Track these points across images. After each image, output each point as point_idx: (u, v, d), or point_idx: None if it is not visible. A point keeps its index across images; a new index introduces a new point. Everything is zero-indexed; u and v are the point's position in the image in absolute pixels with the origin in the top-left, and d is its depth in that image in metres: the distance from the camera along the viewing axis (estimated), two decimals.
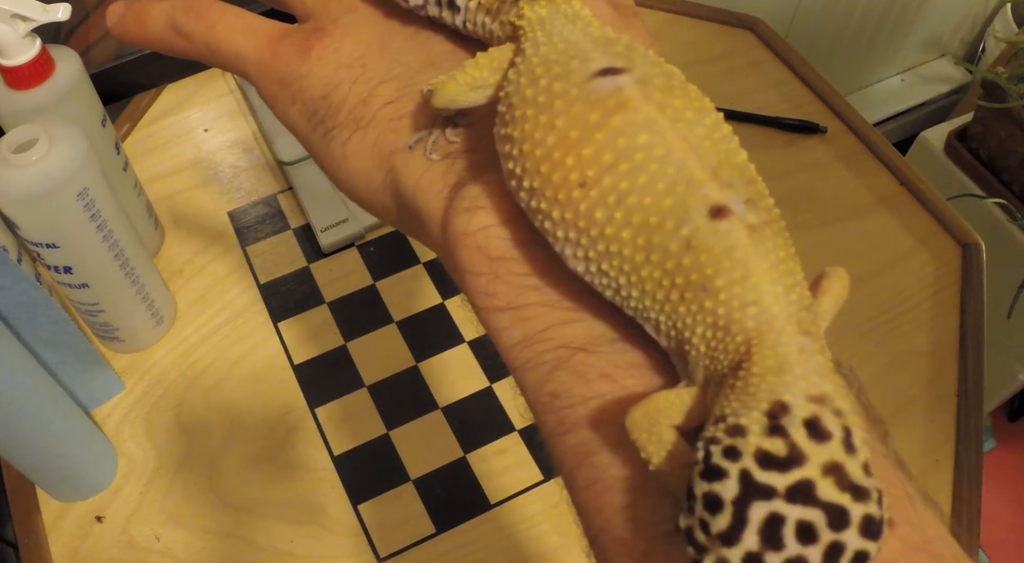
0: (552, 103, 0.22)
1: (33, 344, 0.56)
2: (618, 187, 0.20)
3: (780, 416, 0.18)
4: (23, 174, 0.52)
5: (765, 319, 0.19)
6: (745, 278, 0.19)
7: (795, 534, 0.17)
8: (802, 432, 0.17)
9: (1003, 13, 1.46)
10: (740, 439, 0.17)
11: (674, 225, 0.20)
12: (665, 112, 0.21)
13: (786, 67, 0.84)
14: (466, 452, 0.62)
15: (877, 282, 0.71)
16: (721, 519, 0.17)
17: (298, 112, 0.29)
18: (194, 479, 0.61)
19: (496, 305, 0.23)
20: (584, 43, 0.23)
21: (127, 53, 0.80)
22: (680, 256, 0.19)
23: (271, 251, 0.72)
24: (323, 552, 0.59)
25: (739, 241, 0.19)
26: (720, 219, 0.19)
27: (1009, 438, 1.49)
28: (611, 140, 0.20)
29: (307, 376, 0.66)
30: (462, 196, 0.24)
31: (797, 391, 0.18)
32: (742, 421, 0.18)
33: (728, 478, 0.17)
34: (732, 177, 0.20)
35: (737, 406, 0.18)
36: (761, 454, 0.17)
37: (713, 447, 0.18)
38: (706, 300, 0.19)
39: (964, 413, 0.64)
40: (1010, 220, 1.18)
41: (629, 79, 0.21)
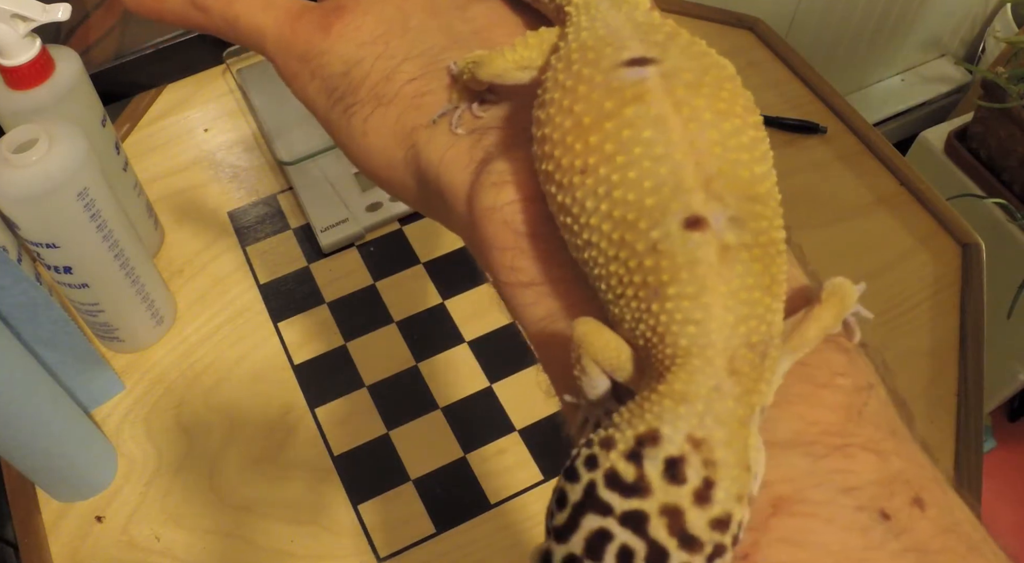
0: (576, 88, 0.21)
1: (33, 344, 0.56)
2: (610, 179, 0.20)
3: (647, 445, 0.18)
4: (23, 174, 0.52)
5: (700, 343, 0.19)
6: (697, 295, 0.19)
7: (616, 554, 0.17)
8: (658, 468, 0.17)
9: (1003, 13, 1.46)
10: (603, 453, 0.18)
11: (647, 226, 0.19)
12: (681, 110, 0.20)
13: (786, 67, 0.84)
14: (466, 452, 0.62)
15: (877, 282, 0.71)
16: (560, 516, 0.18)
17: (317, 89, 0.28)
18: (194, 479, 0.61)
19: (521, 280, 0.23)
20: (625, 30, 0.22)
21: (127, 53, 0.80)
22: (644, 256, 0.19)
23: (271, 251, 0.72)
24: (323, 552, 0.59)
25: (706, 257, 0.19)
26: (694, 230, 0.19)
27: (1009, 438, 1.49)
28: (617, 130, 0.20)
29: (307, 376, 0.66)
30: (489, 171, 0.24)
31: (681, 426, 0.18)
32: (615, 436, 0.18)
33: (577, 484, 0.18)
34: (726, 190, 0.19)
35: (627, 417, 0.18)
36: (611, 473, 0.18)
37: (584, 450, 0.18)
38: (654, 303, 0.19)
39: (964, 413, 0.64)
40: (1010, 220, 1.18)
41: (655, 71, 0.21)
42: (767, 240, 0.20)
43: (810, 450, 0.20)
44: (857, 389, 0.21)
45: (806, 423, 0.20)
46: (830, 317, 0.21)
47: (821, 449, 0.20)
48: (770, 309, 0.19)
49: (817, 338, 0.21)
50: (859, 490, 0.19)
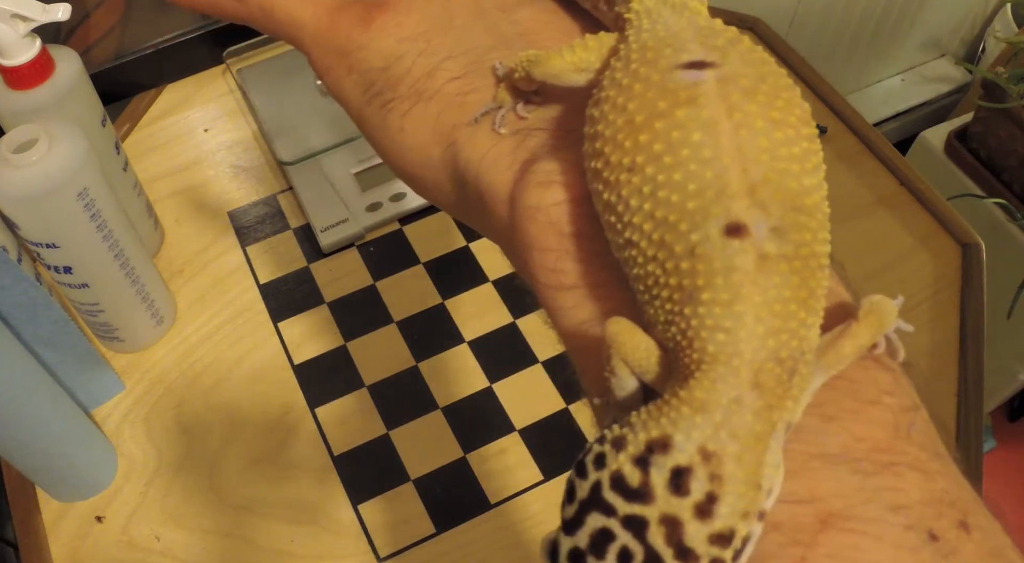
0: (632, 86, 0.21)
1: (33, 344, 0.56)
2: (656, 178, 0.20)
3: (656, 452, 0.18)
4: (23, 174, 0.52)
5: (727, 351, 0.18)
6: (731, 303, 0.18)
7: (617, 554, 0.17)
8: (664, 476, 0.18)
9: (1003, 13, 1.46)
10: (612, 453, 0.18)
11: (688, 228, 0.19)
12: (733, 115, 0.20)
13: (786, 67, 0.84)
14: (466, 452, 0.62)
15: (877, 282, 0.71)
16: (569, 509, 0.18)
17: (353, 83, 0.28)
18: (194, 479, 0.61)
19: (564, 282, 0.22)
20: (686, 33, 0.22)
21: (127, 53, 0.80)
22: (681, 259, 0.19)
23: (271, 251, 0.72)
24: (323, 552, 0.59)
25: (743, 265, 0.19)
26: (734, 237, 0.19)
27: (1009, 438, 1.49)
28: (667, 131, 0.20)
29: (307, 376, 0.66)
30: (535, 171, 0.23)
31: (695, 436, 0.18)
32: (628, 437, 0.18)
33: (585, 481, 0.18)
34: (771, 199, 0.19)
35: (643, 419, 0.18)
36: (617, 476, 0.18)
37: (596, 446, 0.19)
38: (687, 307, 0.19)
39: (964, 413, 0.64)
40: (1010, 220, 1.18)
41: (713, 74, 0.21)
42: (808, 253, 0.19)
43: (859, 467, 0.19)
44: (903, 408, 0.21)
45: (855, 439, 0.20)
46: (867, 335, 0.21)
47: (870, 466, 0.19)
48: (804, 324, 0.19)
49: (852, 355, 0.20)
50: (908, 509, 0.19)
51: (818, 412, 0.20)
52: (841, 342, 0.20)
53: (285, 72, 0.80)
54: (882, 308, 0.21)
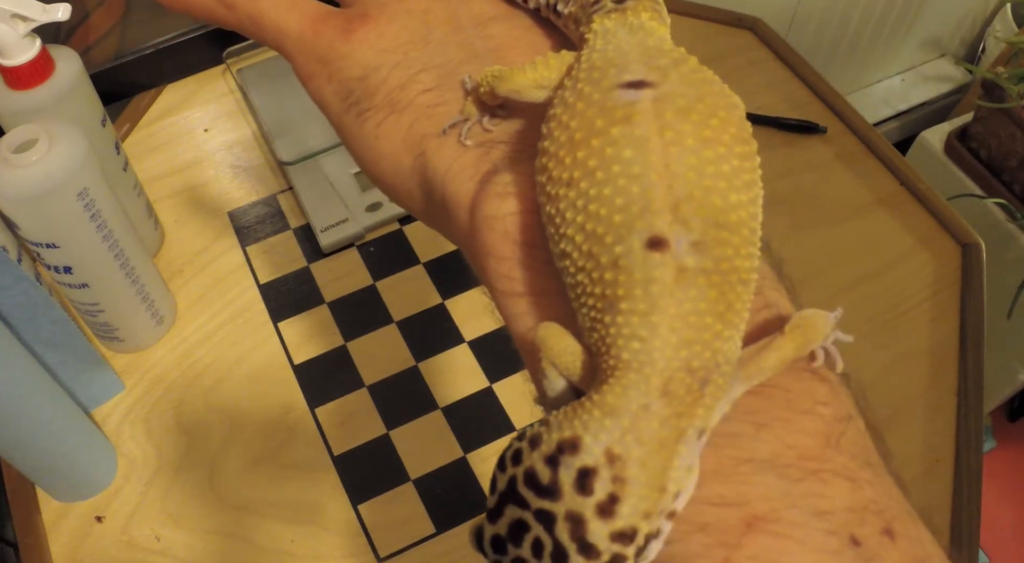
0: (575, 104, 0.22)
1: (33, 344, 0.56)
2: (588, 193, 0.21)
3: (566, 452, 0.19)
4: (23, 174, 0.52)
5: (640, 359, 0.19)
6: (647, 313, 0.19)
7: (531, 543, 0.19)
8: (571, 476, 0.19)
9: (1003, 13, 1.46)
10: (528, 450, 0.19)
11: (612, 241, 0.20)
12: (664, 134, 0.21)
13: (786, 67, 0.84)
14: (466, 452, 0.62)
15: (877, 282, 0.71)
16: (491, 499, 0.20)
17: (333, 91, 0.29)
18: (194, 479, 0.61)
19: (516, 290, 0.23)
20: (632, 54, 0.23)
21: (127, 53, 0.80)
22: (605, 270, 0.20)
23: (271, 251, 0.72)
24: (323, 552, 0.59)
25: (662, 277, 0.19)
26: (654, 250, 0.19)
27: (1009, 438, 1.49)
28: (601, 148, 0.21)
29: (307, 376, 0.66)
30: (495, 182, 0.24)
31: (602, 439, 0.19)
32: (543, 436, 0.19)
33: (504, 474, 0.20)
34: (693, 215, 0.20)
35: (559, 419, 0.19)
36: (530, 472, 0.19)
37: (516, 442, 0.20)
38: (607, 315, 0.20)
39: (964, 413, 0.64)
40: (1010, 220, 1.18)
41: (650, 94, 0.21)
42: (729, 268, 0.20)
43: (786, 472, 0.20)
44: (836, 418, 0.22)
45: (784, 446, 0.21)
46: (791, 348, 0.21)
47: (797, 472, 0.20)
48: (719, 336, 0.20)
49: (775, 368, 0.21)
50: (831, 515, 0.20)
51: (752, 419, 0.21)
52: (764, 354, 0.21)
53: (285, 72, 0.80)
54: (811, 323, 0.22)
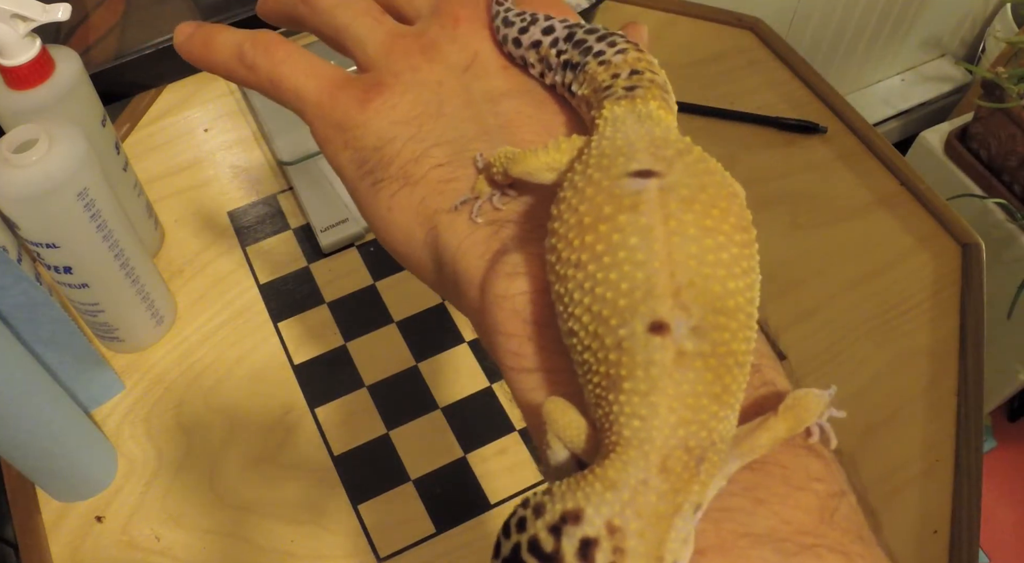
0: (585, 190, 0.23)
1: (33, 344, 0.56)
2: (595, 276, 0.22)
3: (568, 522, 0.20)
4: (23, 174, 0.52)
5: (640, 437, 0.20)
6: (647, 393, 0.20)
7: None
8: (574, 545, 0.19)
9: (1003, 13, 1.46)
10: (532, 519, 0.20)
11: (617, 323, 0.21)
12: (668, 223, 0.22)
13: (786, 67, 0.84)
14: (466, 452, 0.62)
15: (877, 282, 0.71)
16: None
17: (348, 158, 0.30)
18: (194, 479, 0.61)
19: (525, 366, 0.24)
20: (640, 143, 0.24)
21: (127, 53, 0.80)
22: (610, 350, 0.21)
23: (271, 251, 0.72)
24: (323, 552, 0.59)
25: (662, 360, 0.20)
26: (656, 334, 0.21)
27: (1009, 438, 1.49)
28: (609, 233, 0.22)
29: (307, 376, 0.66)
30: (504, 262, 0.25)
31: (604, 511, 0.20)
32: (547, 506, 0.20)
33: (508, 540, 0.20)
34: (693, 301, 0.21)
35: (563, 490, 0.20)
36: (533, 540, 0.20)
37: (520, 510, 0.20)
38: (611, 393, 0.21)
39: (964, 413, 0.64)
40: (1010, 220, 1.18)
41: (656, 183, 0.23)
42: (726, 351, 0.21)
43: (782, 547, 0.21)
44: (830, 494, 0.22)
45: (781, 521, 0.21)
46: (783, 428, 0.22)
47: (793, 547, 0.21)
48: (715, 416, 0.21)
49: (767, 446, 0.22)
50: None
51: (750, 495, 0.22)
52: (758, 433, 0.22)
53: None
54: (804, 403, 0.23)
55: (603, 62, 0.28)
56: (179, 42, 0.33)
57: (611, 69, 0.27)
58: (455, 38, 0.31)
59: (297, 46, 0.32)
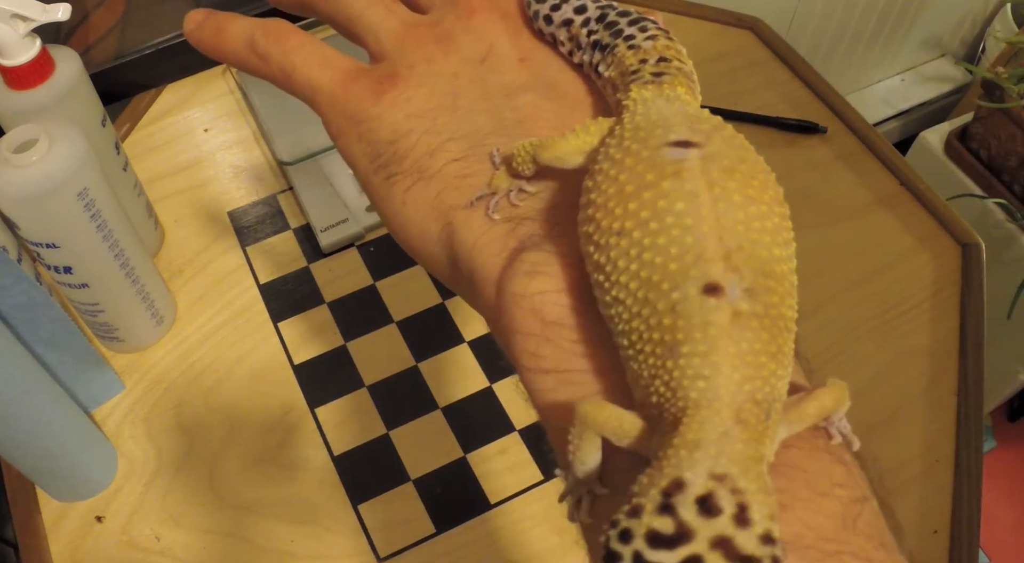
0: (624, 160, 0.23)
1: (33, 344, 0.56)
2: (642, 242, 0.22)
3: (674, 494, 0.19)
4: (23, 174, 0.52)
5: (708, 396, 0.20)
6: (708, 354, 0.20)
7: None
8: (692, 509, 0.18)
9: (1003, 13, 1.46)
10: (634, 521, 0.19)
11: (669, 288, 0.21)
12: (713, 189, 0.22)
13: (786, 67, 0.84)
14: (466, 452, 0.62)
15: (877, 282, 0.71)
16: None
17: (361, 151, 0.29)
18: (194, 479, 0.61)
19: (542, 367, 0.24)
20: (676, 117, 0.24)
21: (127, 53, 0.80)
22: (663, 315, 0.21)
23: (271, 251, 0.72)
24: (323, 552, 0.59)
25: (719, 321, 0.20)
26: (710, 296, 0.21)
27: (1009, 438, 1.49)
28: (653, 200, 0.22)
29: (307, 376, 0.66)
30: (523, 260, 0.25)
31: (700, 469, 0.19)
32: (641, 502, 0.19)
33: (623, 561, 0.18)
34: (744, 264, 0.21)
35: (646, 482, 0.20)
36: (651, 534, 0.18)
37: (611, 531, 0.19)
38: (668, 360, 0.21)
39: (964, 413, 0.64)
40: (1010, 220, 1.18)
41: (697, 153, 0.23)
42: (777, 314, 0.21)
43: (807, 554, 0.21)
44: (853, 500, 0.22)
45: (805, 527, 0.21)
46: (831, 401, 0.23)
47: (816, 554, 0.21)
48: (775, 374, 0.21)
49: (814, 417, 0.22)
50: None
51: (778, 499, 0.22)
52: (805, 403, 0.22)
53: None
54: (844, 387, 0.23)
55: (632, 46, 0.27)
56: (189, 30, 0.32)
57: (639, 54, 0.27)
58: (470, 29, 0.30)
59: (309, 35, 0.31)
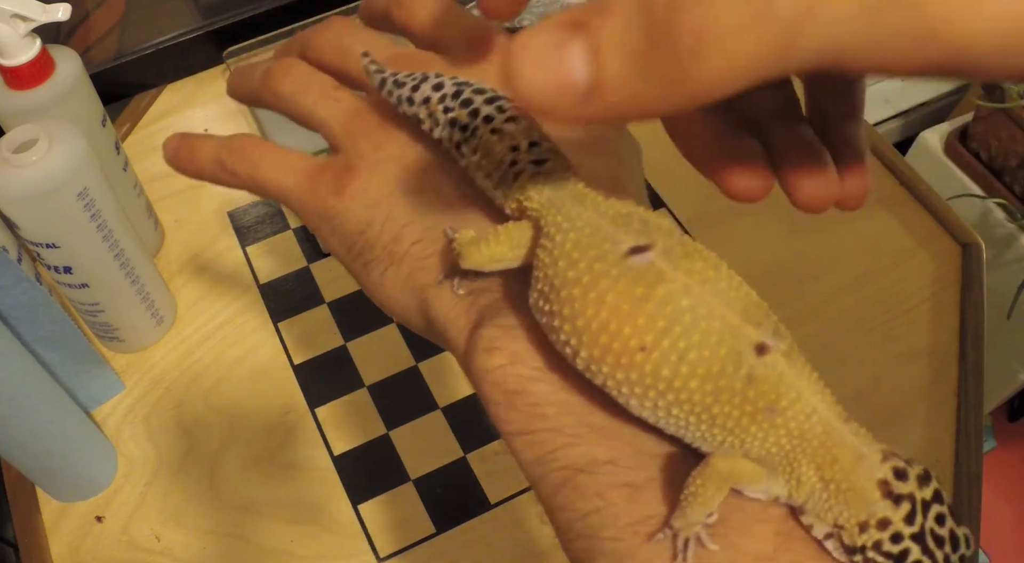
0: (598, 282, 0.25)
1: (33, 344, 0.56)
2: (677, 346, 0.23)
3: (892, 485, 0.23)
4: (23, 174, 0.52)
5: (826, 423, 0.24)
6: (800, 397, 0.23)
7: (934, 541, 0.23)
8: (912, 484, 0.23)
9: None
10: (885, 528, 0.23)
11: (734, 368, 0.23)
12: (693, 276, 0.24)
13: None
14: (466, 452, 0.62)
15: (877, 282, 0.71)
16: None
17: (338, 242, 0.32)
18: (194, 479, 0.61)
19: (512, 430, 0.27)
20: (605, 226, 0.26)
21: (127, 53, 0.80)
22: (745, 391, 0.23)
23: (271, 251, 0.72)
24: (323, 552, 0.59)
25: (783, 369, 0.24)
26: (764, 354, 0.24)
27: (1009, 438, 1.49)
28: (660, 309, 0.24)
29: (307, 376, 0.66)
30: (480, 336, 0.28)
31: (875, 462, 0.23)
32: (878, 515, 0.23)
33: (909, 552, 0.23)
34: (758, 317, 0.24)
35: (855, 506, 0.23)
36: (922, 533, 0.23)
37: (884, 545, 0.23)
38: (777, 418, 0.23)
39: (964, 413, 0.64)
40: (1010, 220, 1.18)
41: (656, 253, 0.25)
42: (789, 335, 0.25)
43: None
44: (785, 516, 0.25)
45: (738, 552, 0.24)
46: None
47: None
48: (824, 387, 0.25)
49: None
50: None
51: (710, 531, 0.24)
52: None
53: None
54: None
55: (495, 130, 0.29)
56: (168, 158, 0.37)
57: (506, 140, 0.29)
58: None
59: (270, 144, 0.34)
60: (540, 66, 0.18)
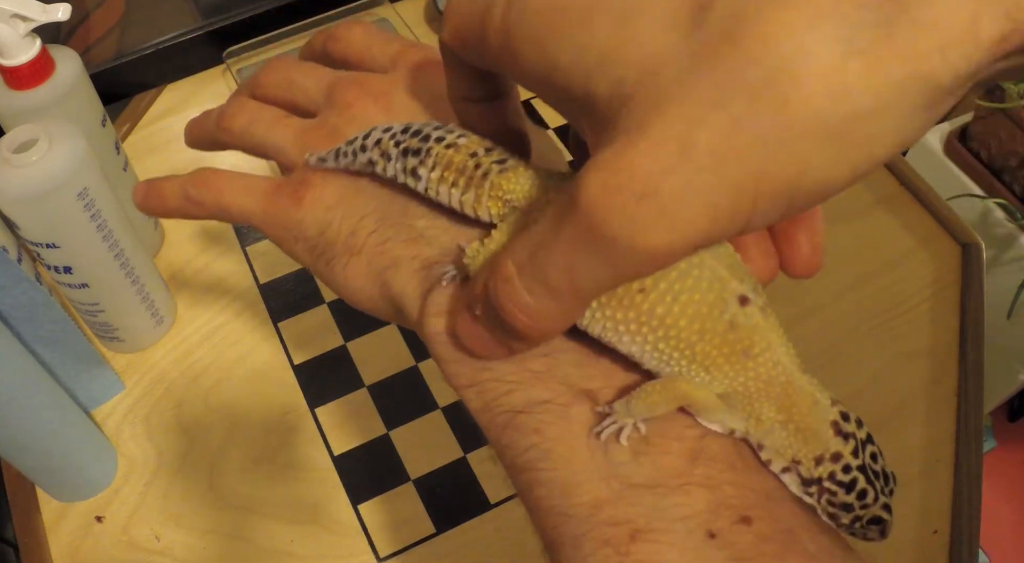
0: None
1: (33, 344, 0.56)
2: (672, 288, 0.26)
3: (840, 425, 0.26)
4: (23, 174, 0.52)
5: (789, 374, 0.26)
6: (770, 347, 0.26)
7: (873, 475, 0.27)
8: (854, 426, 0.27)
9: None
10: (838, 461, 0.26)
11: (719, 313, 0.26)
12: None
13: None
14: (466, 452, 0.62)
15: (877, 282, 0.71)
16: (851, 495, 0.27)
17: (302, 249, 0.35)
18: (194, 479, 0.61)
19: (462, 383, 0.30)
20: None
21: (127, 53, 0.80)
22: (726, 334, 0.26)
23: (271, 251, 0.72)
24: (323, 552, 0.59)
25: (759, 321, 0.26)
26: (745, 305, 0.26)
27: (1009, 438, 1.49)
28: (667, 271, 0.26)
29: (307, 376, 0.66)
30: (429, 301, 0.30)
31: (827, 406, 0.27)
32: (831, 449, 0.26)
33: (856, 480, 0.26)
34: (741, 274, 0.26)
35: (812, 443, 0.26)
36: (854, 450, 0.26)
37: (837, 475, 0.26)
38: (748, 362, 0.26)
39: (964, 413, 0.64)
40: (1010, 220, 1.18)
41: None
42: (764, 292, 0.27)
43: (657, 490, 0.26)
44: (701, 436, 0.27)
45: (656, 469, 0.26)
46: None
47: (664, 489, 0.26)
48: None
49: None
50: (692, 517, 0.25)
51: (632, 449, 0.26)
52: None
53: None
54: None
55: (449, 145, 0.30)
56: (139, 203, 0.39)
57: (463, 150, 0.30)
58: (352, 119, 0.35)
59: (230, 172, 0.38)
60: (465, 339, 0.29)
